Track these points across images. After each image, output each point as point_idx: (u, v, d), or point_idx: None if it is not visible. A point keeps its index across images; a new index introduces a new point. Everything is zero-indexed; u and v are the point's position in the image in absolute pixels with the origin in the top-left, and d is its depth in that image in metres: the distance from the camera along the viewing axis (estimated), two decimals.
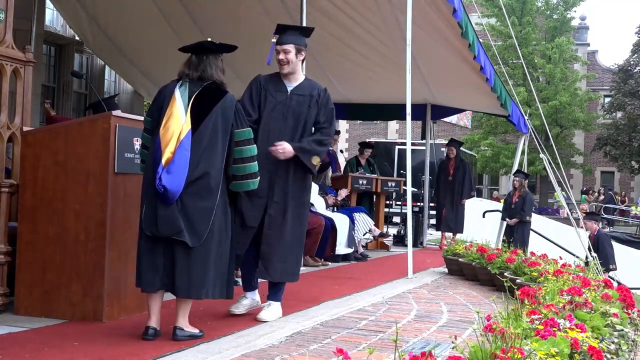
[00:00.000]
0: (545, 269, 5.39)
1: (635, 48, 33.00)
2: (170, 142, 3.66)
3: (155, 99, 4.01)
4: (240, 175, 3.94)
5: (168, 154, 3.64)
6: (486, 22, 26.55)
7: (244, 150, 3.93)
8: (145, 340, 3.65)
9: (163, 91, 3.93)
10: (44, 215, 4.22)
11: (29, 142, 4.34)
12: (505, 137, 33.17)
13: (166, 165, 3.62)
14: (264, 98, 4.53)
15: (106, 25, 10.68)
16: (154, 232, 3.69)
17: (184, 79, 3.88)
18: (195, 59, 3.92)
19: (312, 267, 7.58)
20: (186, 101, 3.78)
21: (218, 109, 3.82)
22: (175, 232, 3.66)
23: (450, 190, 11.36)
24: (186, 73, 3.90)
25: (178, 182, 3.63)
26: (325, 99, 4.61)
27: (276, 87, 4.55)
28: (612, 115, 33.80)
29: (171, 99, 3.80)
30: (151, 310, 3.76)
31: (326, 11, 8.87)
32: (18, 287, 4.25)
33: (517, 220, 10.96)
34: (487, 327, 2.64)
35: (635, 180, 37.19)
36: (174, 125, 3.70)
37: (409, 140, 7.38)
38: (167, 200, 3.64)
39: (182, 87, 3.84)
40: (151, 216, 3.69)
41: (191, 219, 3.69)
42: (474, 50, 8.20)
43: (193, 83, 3.86)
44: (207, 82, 3.87)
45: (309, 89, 4.59)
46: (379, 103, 11.67)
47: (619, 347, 3.02)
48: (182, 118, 3.73)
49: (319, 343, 3.80)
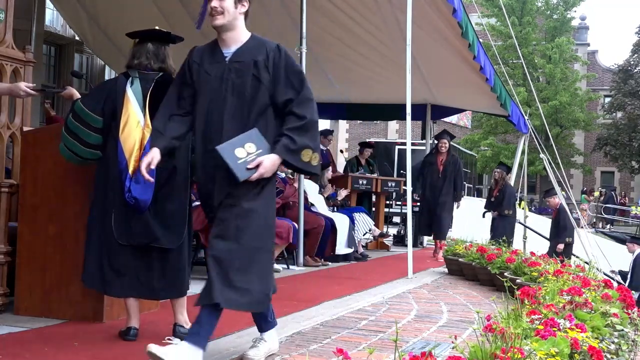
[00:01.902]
0: (545, 269, 5.39)
1: (635, 48, 33.01)
2: (134, 149, 3.53)
3: (101, 93, 3.77)
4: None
5: (134, 163, 3.51)
6: (486, 22, 26.54)
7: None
8: (127, 340, 3.64)
9: (111, 87, 3.74)
10: (44, 215, 4.22)
11: (29, 142, 4.33)
12: (505, 137, 33.19)
13: (133, 175, 3.50)
14: (197, 76, 3.34)
15: (106, 25, 10.68)
16: (128, 242, 3.61)
17: (133, 74, 3.69)
18: (153, 47, 3.75)
19: (312, 267, 7.58)
20: (141, 100, 3.63)
21: None
22: (151, 240, 3.60)
23: (437, 189, 9.60)
24: (144, 63, 3.71)
25: (148, 191, 3.53)
26: (282, 60, 3.30)
27: (211, 58, 3.34)
28: (612, 115, 33.82)
29: (124, 98, 3.63)
30: (130, 310, 3.75)
31: (326, 11, 8.87)
32: (18, 287, 4.25)
33: (498, 213, 10.98)
34: (487, 327, 2.64)
35: (635, 180, 37.20)
36: (134, 130, 3.56)
37: (409, 140, 7.38)
38: (139, 210, 3.55)
39: (133, 85, 3.66)
40: (124, 226, 3.60)
41: (167, 222, 3.63)
42: (474, 50, 8.20)
43: (144, 78, 3.67)
44: (157, 76, 3.70)
45: (253, 51, 3.31)
46: (379, 103, 11.68)
47: (619, 347, 3.02)
48: (141, 120, 3.58)
49: (319, 343, 3.80)
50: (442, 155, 9.72)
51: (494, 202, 11.08)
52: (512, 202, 11.09)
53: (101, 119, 3.71)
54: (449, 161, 9.70)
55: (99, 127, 3.71)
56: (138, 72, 3.72)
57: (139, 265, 3.66)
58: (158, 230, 3.61)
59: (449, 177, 9.63)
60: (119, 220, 3.63)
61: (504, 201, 10.88)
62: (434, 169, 9.69)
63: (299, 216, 7.50)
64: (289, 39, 9.22)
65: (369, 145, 11.39)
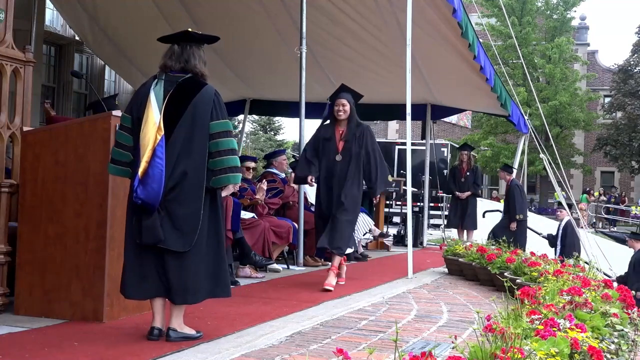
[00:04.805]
0: (545, 269, 5.39)
1: (635, 48, 33.01)
2: (146, 151, 3.56)
3: (133, 96, 3.89)
4: (219, 169, 3.71)
5: (144, 165, 3.55)
6: (486, 22, 26.56)
7: (220, 143, 3.71)
8: (150, 340, 3.64)
9: (141, 90, 3.81)
10: (44, 215, 4.22)
11: (29, 142, 4.34)
12: (505, 137, 33.16)
13: (142, 176, 3.54)
14: None
15: (106, 25, 10.68)
16: (140, 241, 3.63)
17: (160, 76, 3.74)
18: (178, 48, 3.79)
19: (312, 267, 7.58)
20: (160, 103, 3.66)
21: (193, 106, 3.68)
22: (157, 241, 3.60)
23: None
24: (169, 65, 3.76)
25: (154, 194, 3.54)
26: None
27: None
28: (612, 115, 33.82)
29: (147, 100, 3.67)
30: (155, 310, 3.74)
31: (326, 11, 8.88)
32: (18, 287, 4.25)
33: (470, 193, 11.33)
34: (487, 327, 2.64)
35: (635, 180, 37.20)
36: (149, 132, 3.59)
37: (409, 140, 7.38)
38: (146, 210, 3.58)
39: (157, 87, 3.70)
40: (136, 225, 3.64)
41: (177, 224, 3.63)
42: (474, 50, 8.20)
43: (169, 80, 3.72)
44: (183, 79, 3.73)
45: None
46: (379, 103, 11.67)
47: (619, 347, 3.02)
48: (156, 123, 3.61)
49: (319, 343, 3.80)
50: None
51: (464, 182, 11.42)
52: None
53: (129, 116, 3.76)
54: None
55: (128, 126, 3.75)
56: (165, 73, 3.76)
57: (157, 268, 3.66)
58: (166, 231, 3.60)
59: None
60: (134, 220, 3.66)
61: (477, 180, 11.46)
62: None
63: (299, 216, 7.50)
64: (289, 39, 9.25)
65: None
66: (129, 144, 3.75)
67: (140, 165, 3.55)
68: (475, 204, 11.57)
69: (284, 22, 9.46)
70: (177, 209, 3.64)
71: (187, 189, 3.66)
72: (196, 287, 3.70)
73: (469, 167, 11.51)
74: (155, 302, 3.74)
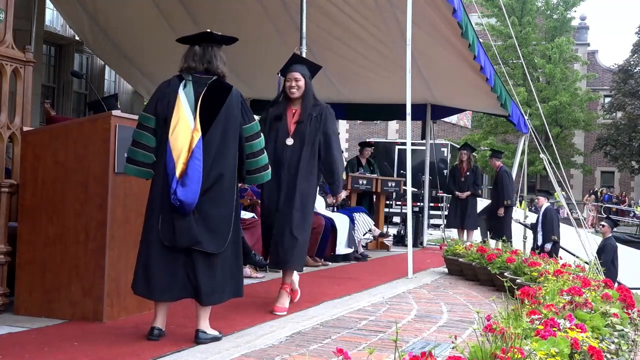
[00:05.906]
0: (545, 269, 5.39)
1: (635, 48, 33.00)
2: (182, 152, 3.56)
3: (155, 96, 3.82)
4: (254, 169, 3.91)
5: (181, 166, 3.55)
6: (486, 22, 26.56)
7: (254, 145, 3.88)
8: (150, 340, 3.64)
9: (164, 89, 3.77)
10: (44, 215, 4.22)
11: (29, 142, 4.33)
12: (505, 137, 33.16)
13: (180, 177, 3.54)
14: None
15: (106, 26, 10.68)
16: (172, 244, 3.62)
17: (187, 77, 3.75)
18: (200, 49, 3.80)
19: (312, 267, 7.58)
20: (192, 104, 3.66)
21: (225, 108, 3.73)
22: (193, 242, 3.60)
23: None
24: (192, 66, 3.76)
25: (193, 194, 3.56)
26: None
27: None
28: (612, 115, 33.82)
29: (176, 100, 3.66)
30: (158, 311, 3.74)
31: (326, 11, 8.87)
32: (18, 287, 4.25)
33: (470, 193, 11.38)
34: (487, 327, 2.64)
35: (635, 180, 37.18)
36: (183, 132, 3.59)
37: (409, 140, 7.38)
38: (183, 212, 3.58)
39: (186, 88, 3.71)
40: (169, 227, 3.62)
41: (211, 226, 3.64)
42: (474, 50, 8.20)
43: (197, 82, 3.74)
44: (211, 80, 3.76)
45: None
46: (379, 103, 11.68)
47: (619, 347, 3.02)
48: (191, 124, 3.62)
49: (319, 343, 3.80)
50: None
51: (464, 181, 11.47)
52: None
53: (154, 117, 3.74)
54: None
55: (152, 126, 3.73)
56: (192, 75, 3.76)
57: (186, 269, 3.65)
58: (201, 233, 3.61)
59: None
60: (166, 222, 3.63)
61: (477, 180, 11.46)
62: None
63: None
64: (289, 39, 9.23)
65: (369, 145, 11.38)
66: (152, 145, 3.72)
67: (177, 166, 3.55)
68: (475, 204, 11.63)
69: (284, 22, 9.45)
70: (211, 210, 3.65)
71: (222, 191, 3.68)
72: (223, 287, 3.73)
73: (468, 167, 11.55)
74: (161, 304, 3.73)
